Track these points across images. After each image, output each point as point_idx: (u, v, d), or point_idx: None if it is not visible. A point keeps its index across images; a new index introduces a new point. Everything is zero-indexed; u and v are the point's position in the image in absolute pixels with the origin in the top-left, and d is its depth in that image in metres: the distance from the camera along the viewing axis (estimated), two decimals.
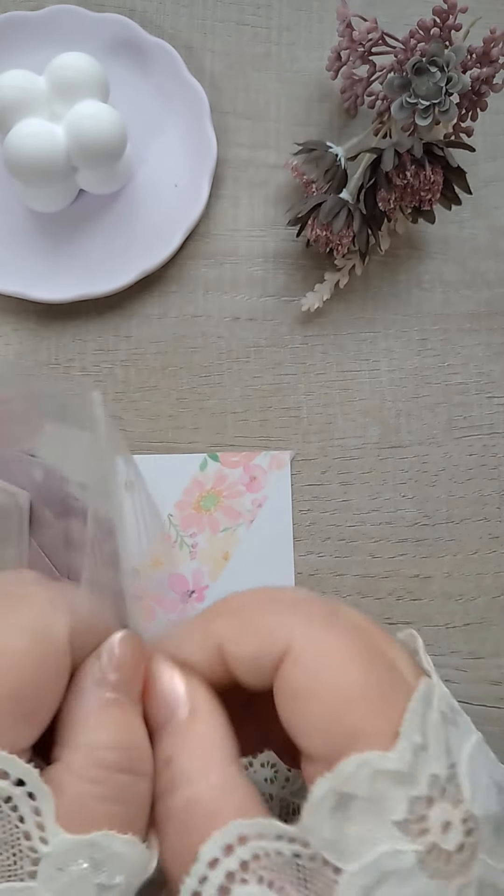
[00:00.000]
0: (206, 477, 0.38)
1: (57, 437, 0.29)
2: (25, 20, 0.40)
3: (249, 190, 0.41)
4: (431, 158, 0.35)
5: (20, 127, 0.35)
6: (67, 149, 0.35)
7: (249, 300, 0.40)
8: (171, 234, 0.39)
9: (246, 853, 0.17)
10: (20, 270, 0.38)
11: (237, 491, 0.38)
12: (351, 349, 0.40)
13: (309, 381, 0.40)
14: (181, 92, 0.40)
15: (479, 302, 0.41)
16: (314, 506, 0.39)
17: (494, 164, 0.42)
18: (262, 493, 0.38)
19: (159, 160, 0.40)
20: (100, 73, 0.36)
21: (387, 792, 0.17)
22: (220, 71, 0.42)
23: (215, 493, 0.38)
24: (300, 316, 0.40)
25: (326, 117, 0.42)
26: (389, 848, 0.17)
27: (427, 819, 0.17)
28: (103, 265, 0.39)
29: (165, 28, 0.41)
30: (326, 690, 0.19)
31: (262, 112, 0.42)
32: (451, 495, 0.40)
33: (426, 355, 0.41)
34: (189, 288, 0.40)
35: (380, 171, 0.36)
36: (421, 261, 0.41)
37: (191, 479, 0.38)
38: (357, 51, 0.37)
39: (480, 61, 0.36)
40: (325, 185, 0.38)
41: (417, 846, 0.17)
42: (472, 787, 0.17)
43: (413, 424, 0.40)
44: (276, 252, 0.41)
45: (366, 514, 0.39)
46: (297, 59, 0.42)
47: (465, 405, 0.40)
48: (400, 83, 0.35)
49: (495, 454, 0.40)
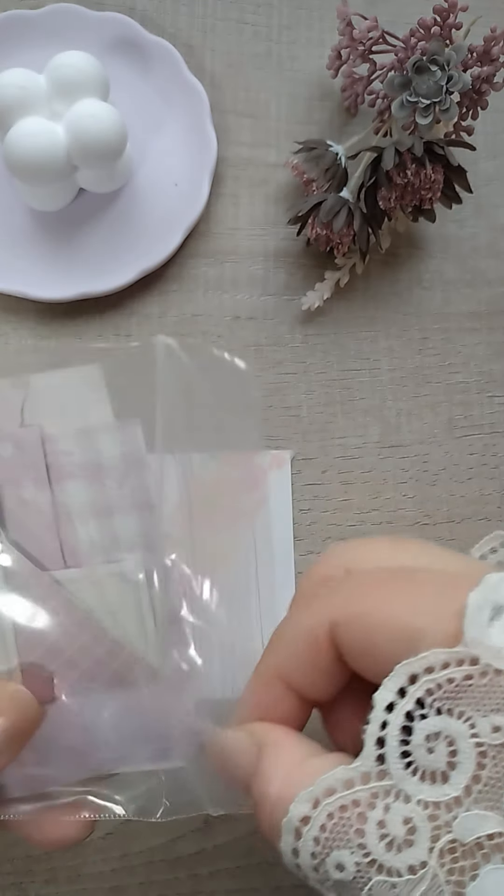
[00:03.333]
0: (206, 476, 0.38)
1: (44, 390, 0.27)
2: (25, 19, 0.39)
3: (250, 189, 0.41)
4: (432, 157, 0.35)
5: (20, 126, 0.35)
6: (67, 148, 0.35)
7: (250, 299, 0.40)
8: (171, 232, 0.39)
9: (419, 691, 0.18)
10: (20, 269, 0.38)
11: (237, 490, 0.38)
12: (351, 348, 0.40)
13: (309, 380, 0.40)
14: (181, 91, 0.40)
15: (480, 301, 0.41)
16: (314, 505, 0.39)
17: (495, 163, 0.42)
18: (262, 493, 0.38)
19: (159, 159, 0.40)
20: (100, 71, 0.36)
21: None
22: (220, 70, 0.42)
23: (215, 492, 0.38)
24: (300, 315, 0.40)
25: (327, 116, 0.42)
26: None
27: None
28: (103, 264, 0.39)
29: (166, 27, 0.41)
30: (385, 628, 0.19)
31: (263, 111, 0.42)
32: (452, 495, 0.39)
33: (427, 354, 0.41)
34: (189, 287, 0.40)
35: (380, 170, 0.36)
36: (421, 260, 0.41)
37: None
38: (357, 49, 0.37)
39: (481, 60, 0.36)
40: (325, 184, 0.38)
41: None
42: None
43: (414, 423, 0.40)
44: (277, 251, 0.41)
45: (366, 514, 0.39)
46: (298, 57, 0.42)
47: (466, 404, 0.40)
48: (400, 82, 0.35)
49: (496, 453, 0.40)
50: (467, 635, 0.18)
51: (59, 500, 0.25)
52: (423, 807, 0.18)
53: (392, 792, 0.18)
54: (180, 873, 0.35)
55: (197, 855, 0.35)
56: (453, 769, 0.17)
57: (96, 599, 0.24)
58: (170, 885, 0.35)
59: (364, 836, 0.18)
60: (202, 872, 0.35)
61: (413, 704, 0.18)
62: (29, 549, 0.24)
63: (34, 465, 0.25)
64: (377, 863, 0.18)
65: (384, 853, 0.18)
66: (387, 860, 0.18)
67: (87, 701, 0.24)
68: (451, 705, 0.18)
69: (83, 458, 0.25)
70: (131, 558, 0.25)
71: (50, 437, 0.25)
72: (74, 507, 0.25)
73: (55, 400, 0.26)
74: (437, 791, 0.18)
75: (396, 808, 0.18)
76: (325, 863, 0.18)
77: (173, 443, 0.26)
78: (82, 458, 0.25)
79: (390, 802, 0.18)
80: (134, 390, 0.26)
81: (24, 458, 0.25)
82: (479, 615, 0.18)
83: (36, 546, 0.25)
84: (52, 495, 0.25)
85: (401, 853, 0.18)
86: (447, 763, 0.18)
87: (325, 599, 0.21)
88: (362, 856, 0.18)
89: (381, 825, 0.18)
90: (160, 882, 0.35)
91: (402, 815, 0.18)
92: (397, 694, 0.18)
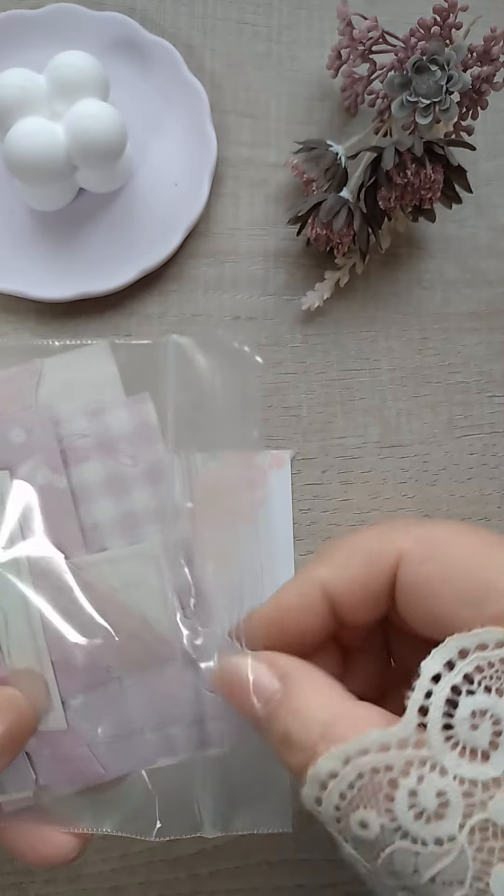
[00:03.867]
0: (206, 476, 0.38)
1: (56, 372, 0.27)
2: (25, 19, 0.39)
3: (250, 189, 0.41)
4: (432, 157, 0.35)
5: (20, 126, 0.35)
6: (67, 148, 0.35)
7: (250, 299, 0.40)
8: (171, 232, 0.39)
9: (468, 666, 0.18)
10: (20, 269, 0.38)
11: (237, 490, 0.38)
12: (351, 348, 0.40)
13: (309, 380, 0.40)
14: (181, 91, 0.40)
15: (480, 301, 0.41)
16: (314, 505, 0.39)
17: (495, 163, 0.42)
18: (263, 493, 0.38)
19: (159, 159, 0.40)
20: (100, 71, 0.36)
21: None
22: (220, 70, 0.42)
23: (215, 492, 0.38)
24: (300, 315, 0.40)
25: (327, 116, 0.42)
26: None
27: None
28: (103, 264, 0.39)
29: (165, 27, 0.41)
30: (453, 569, 0.19)
31: (263, 111, 0.42)
32: (452, 494, 0.39)
33: (427, 354, 0.41)
34: (189, 287, 0.40)
35: (380, 170, 0.35)
36: (421, 260, 0.41)
37: None
38: (357, 49, 0.37)
39: (481, 60, 0.36)
40: (325, 184, 0.38)
41: None
42: None
43: (414, 423, 0.40)
44: (277, 251, 0.41)
45: (366, 514, 0.39)
46: (298, 57, 0.42)
47: (466, 404, 0.40)
48: (400, 82, 0.35)
49: (496, 453, 0.40)
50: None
51: (75, 484, 0.25)
52: (459, 782, 0.17)
53: (428, 763, 0.17)
54: (180, 873, 0.35)
55: (197, 855, 0.35)
56: (496, 749, 0.17)
57: (118, 582, 0.24)
58: (170, 885, 0.35)
59: (393, 802, 0.17)
60: (202, 872, 0.35)
61: (461, 679, 0.18)
62: (49, 536, 0.24)
63: (48, 449, 0.25)
64: (403, 829, 0.17)
65: (412, 822, 0.17)
66: (414, 829, 0.17)
67: (123, 685, 0.24)
68: (501, 685, 0.17)
69: (97, 438, 0.25)
70: (150, 537, 0.24)
71: (63, 419, 0.25)
72: (92, 488, 0.25)
73: (67, 382, 0.26)
74: (476, 769, 0.17)
75: (431, 780, 0.17)
76: (348, 817, 0.18)
77: (180, 444, 0.26)
78: (96, 437, 0.25)
79: (425, 773, 0.17)
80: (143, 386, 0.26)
81: (38, 442, 0.24)
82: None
83: (55, 532, 0.24)
84: (69, 479, 0.25)
85: (429, 824, 0.17)
86: (490, 742, 0.17)
87: (400, 528, 0.21)
88: (389, 820, 0.17)
89: (412, 794, 0.17)
90: (160, 882, 0.35)
91: (437, 788, 0.17)
92: (445, 666, 0.18)
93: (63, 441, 0.25)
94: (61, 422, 0.25)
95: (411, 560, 0.20)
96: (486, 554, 0.19)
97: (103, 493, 0.25)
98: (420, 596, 0.20)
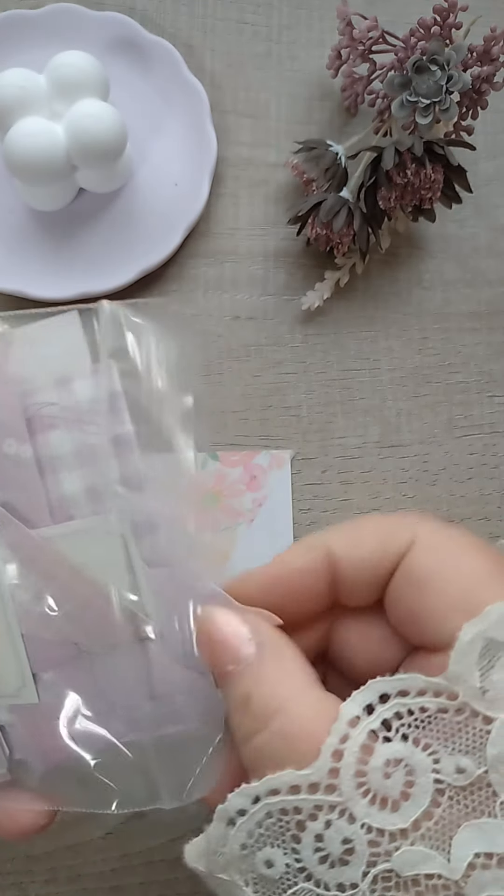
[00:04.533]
0: (207, 476, 0.38)
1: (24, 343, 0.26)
2: (25, 19, 0.39)
3: (250, 189, 0.41)
4: (432, 157, 0.35)
5: (20, 126, 0.35)
6: (67, 147, 0.35)
7: (250, 299, 0.40)
8: (171, 232, 0.39)
9: (388, 711, 0.17)
10: (20, 269, 0.38)
11: (237, 490, 0.38)
12: (351, 348, 0.40)
13: (309, 380, 0.40)
14: (181, 91, 0.40)
15: (480, 301, 0.41)
16: (314, 505, 0.39)
17: (495, 163, 0.42)
18: (263, 493, 0.38)
19: (159, 159, 0.40)
20: (100, 71, 0.36)
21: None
22: (220, 70, 0.42)
23: (215, 492, 0.38)
24: (300, 315, 0.40)
25: (327, 116, 0.42)
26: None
27: None
28: (103, 264, 0.39)
29: (165, 27, 0.41)
30: (459, 571, 0.19)
31: (263, 111, 0.42)
32: (452, 494, 0.39)
33: (427, 354, 0.41)
34: (189, 287, 0.40)
35: (380, 170, 0.35)
36: (421, 259, 0.41)
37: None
38: (357, 49, 0.37)
39: (481, 60, 0.36)
40: (325, 184, 0.38)
41: None
42: None
43: (414, 423, 0.40)
44: (277, 251, 0.41)
45: (366, 514, 0.39)
46: (298, 57, 0.42)
47: (466, 404, 0.40)
48: (400, 81, 0.35)
49: (496, 453, 0.40)
50: (451, 669, 0.17)
51: (42, 454, 0.24)
52: (366, 831, 0.17)
53: (337, 809, 0.17)
54: (180, 873, 0.35)
55: None
56: (406, 800, 0.17)
57: (85, 554, 0.24)
58: (170, 885, 0.35)
59: (300, 843, 0.17)
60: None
61: (378, 724, 0.17)
62: (15, 506, 0.24)
63: (13, 418, 0.24)
64: (307, 871, 0.17)
65: (316, 865, 0.17)
66: (318, 872, 0.17)
67: (93, 660, 0.23)
68: (418, 735, 0.17)
69: (64, 407, 0.25)
70: (116, 508, 0.24)
71: (31, 389, 0.25)
72: (58, 458, 0.24)
73: (36, 351, 0.25)
74: (384, 818, 0.17)
75: (338, 826, 0.17)
76: (254, 855, 0.18)
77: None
78: (63, 407, 0.25)
79: (333, 819, 0.17)
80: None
81: (2, 412, 0.24)
82: (469, 649, 0.17)
83: (22, 502, 0.24)
84: (35, 449, 0.24)
85: (333, 869, 0.17)
86: (401, 793, 0.17)
87: (420, 519, 0.21)
88: (294, 860, 0.17)
89: (318, 839, 0.17)
90: (160, 882, 0.35)
91: (343, 835, 0.17)
92: (364, 710, 0.17)
93: (28, 410, 0.24)
94: (29, 391, 0.25)
95: (424, 547, 0.20)
96: (492, 576, 0.19)
97: (70, 463, 0.24)
98: (418, 584, 0.19)
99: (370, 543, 0.20)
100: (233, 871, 0.18)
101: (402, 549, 0.20)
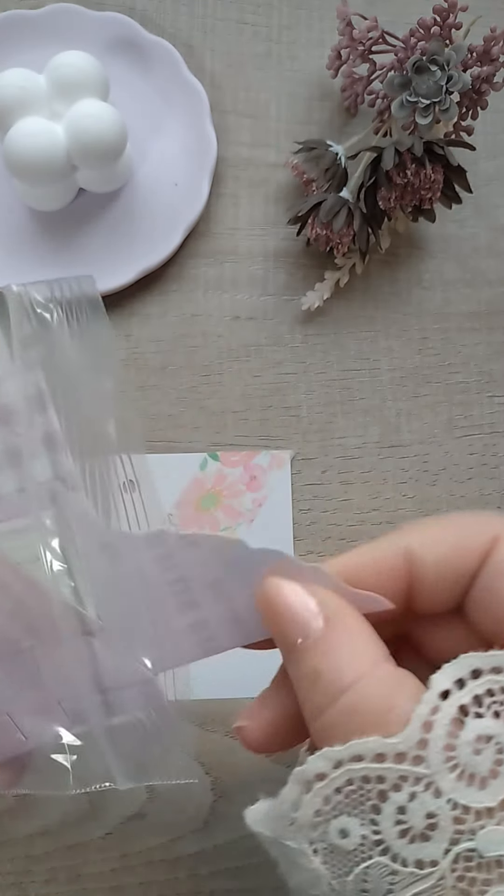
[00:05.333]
0: (207, 476, 0.38)
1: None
2: (25, 19, 0.39)
3: (249, 189, 0.41)
4: (432, 157, 0.35)
5: (20, 126, 0.35)
6: (67, 148, 0.35)
7: (250, 299, 0.40)
8: (171, 232, 0.39)
9: (480, 687, 0.17)
10: (19, 269, 0.38)
11: (237, 490, 0.38)
12: (351, 348, 0.40)
13: (309, 381, 0.40)
14: (181, 91, 0.40)
15: (480, 301, 0.41)
16: (314, 505, 0.39)
17: (495, 163, 0.42)
18: (263, 493, 0.38)
19: (159, 159, 0.40)
20: (100, 71, 0.36)
21: None
22: (220, 70, 0.42)
23: (215, 492, 0.38)
24: (300, 315, 0.40)
25: (327, 116, 0.42)
26: None
27: None
28: (103, 264, 0.39)
29: (165, 27, 0.41)
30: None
31: (263, 111, 0.42)
32: (452, 495, 0.39)
33: (427, 354, 0.41)
34: (189, 287, 0.40)
35: (380, 170, 0.36)
36: (421, 260, 0.41)
37: (191, 479, 0.38)
38: (357, 49, 0.37)
39: (481, 60, 0.36)
40: (325, 184, 0.38)
41: None
42: None
43: (413, 423, 0.40)
44: (277, 251, 0.41)
45: (366, 514, 0.39)
46: (298, 57, 0.42)
47: (466, 404, 0.40)
48: (400, 82, 0.35)
49: (496, 453, 0.40)
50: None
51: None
52: (451, 806, 0.16)
53: (423, 781, 0.16)
54: (180, 873, 0.35)
55: (197, 855, 0.35)
56: (495, 778, 0.16)
57: (21, 554, 0.23)
58: (170, 885, 0.35)
59: (380, 814, 0.17)
60: (202, 872, 0.35)
61: (470, 699, 0.17)
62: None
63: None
64: (385, 844, 0.17)
65: (396, 838, 0.16)
66: (396, 846, 0.16)
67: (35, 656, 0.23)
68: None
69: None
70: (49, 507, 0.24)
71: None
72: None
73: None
74: (472, 795, 0.16)
75: (423, 800, 0.16)
76: (329, 823, 0.17)
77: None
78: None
79: (418, 791, 0.16)
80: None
81: None
82: None
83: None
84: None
85: (413, 844, 0.16)
86: (490, 770, 0.16)
87: (495, 517, 0.20)
88: (372, 831, 0.17)
89: (400, 811, 0.16)
90: (160, 882, 0.35)
91: (427, 809, 0.16)
92: (455, 684, 0.17)
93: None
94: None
95: (498, 551, 0.19)
96: None
97: (2, 463, 0.24)
98: (492, 593, 0.19)
99: (451, 541, 0.20)
100: (301, 839, 0.18)
101: (485, 546, 0.19)
